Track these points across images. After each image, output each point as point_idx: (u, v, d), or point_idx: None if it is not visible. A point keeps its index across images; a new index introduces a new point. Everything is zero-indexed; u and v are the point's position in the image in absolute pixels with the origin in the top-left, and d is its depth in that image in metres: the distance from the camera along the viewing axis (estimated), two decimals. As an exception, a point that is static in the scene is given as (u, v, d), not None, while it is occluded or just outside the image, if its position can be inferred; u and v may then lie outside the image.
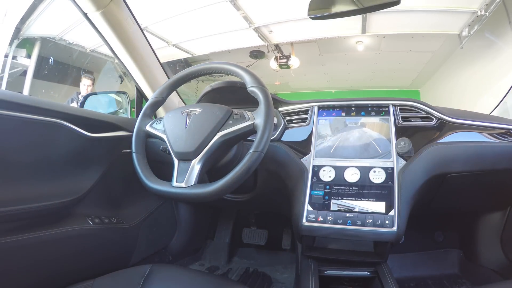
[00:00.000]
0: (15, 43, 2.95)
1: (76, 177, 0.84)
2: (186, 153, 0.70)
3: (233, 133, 0.69)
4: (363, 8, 0.81)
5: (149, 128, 0.81)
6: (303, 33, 3.58)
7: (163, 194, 0.71)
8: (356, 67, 4.99)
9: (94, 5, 0.86)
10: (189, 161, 0.69)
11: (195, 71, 0.82)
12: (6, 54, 2.56)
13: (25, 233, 0.69)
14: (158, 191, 0.72)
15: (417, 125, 0.86)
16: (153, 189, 0.73)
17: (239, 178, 0.65)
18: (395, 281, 0.75)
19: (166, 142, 0.75)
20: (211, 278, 0.75)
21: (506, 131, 0.83)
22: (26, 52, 3.16)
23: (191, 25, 3.60)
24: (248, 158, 0.65)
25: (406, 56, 4.35)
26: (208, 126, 0.71)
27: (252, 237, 1.50)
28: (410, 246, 1.20)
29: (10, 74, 3.09)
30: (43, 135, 0.75)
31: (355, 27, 3.50)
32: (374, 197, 0.77)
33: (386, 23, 3.44)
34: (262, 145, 0.66)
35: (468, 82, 3.91)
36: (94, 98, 1.23)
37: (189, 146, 0.70)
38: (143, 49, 1.05)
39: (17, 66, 3.19)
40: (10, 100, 0.67)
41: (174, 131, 0.74)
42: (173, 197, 0.70)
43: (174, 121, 0.76)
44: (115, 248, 0.97)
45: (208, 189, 0.65)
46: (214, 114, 0.72)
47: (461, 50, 3.58)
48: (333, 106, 0.92)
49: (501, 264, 1.04)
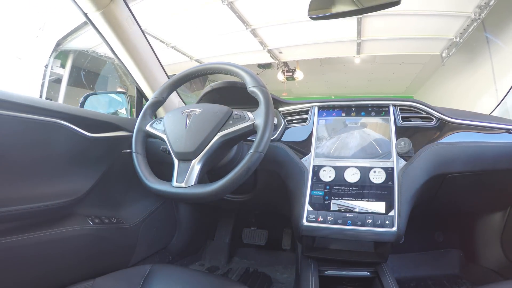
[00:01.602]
0: (53, 54, 3.39)
1: (76, 177, 0.84)
2: (186, 153, 0.70)
3: (233, 133, 0.69)
4: (363, 8, 0.81)
5: (149, 128, 0.81)
6: (308, 54, 4.41)
7: (163, 194, 0.71)
8: (354, 76, 5.60)
9: (94, 5, 0.86)
10: (189, 161, 0.69)
11: (196, 71, 0.82)
12: (46, 64, 3.03)
13: (25, 233, 0.69)
14: (158, 191, 0.71)
15: (417, 125, 0.86)
16: (153, 189, 0.73)
17: (239, 179, 0.64)
18: (395, 281, 0.75)
19: (166, 142, 0.75)
20: (211, 278, 0.75)
21: (506, 131, 0.83)
22: (60, 62, 3.65)
23: (215, 47, 4.29)
24: (248, 159, 0.65)
25: (399, 67, 4.90)
26: (208, 126, 0.70)
27: (252, 237, 1.50)
28: (410, 246, 1.20)
29: (45, 81, 3.55)
30: (43, 135, 0.75)
31: (351, 50, 4.16)
32: (374, 197, 0.77)
33: (377, 46, 4.05)
34: (262, 145, 0.66)
35: (455, 92, 4.42)
36: (94, 98, 1.22)
37: (189, 146, 0.70)
38: (143, 49, 1.05)
39: (52, 74, 3.67)
40: (10, 100, 0.67)
41: (174, 131, 0.74)
42: (173, 197, 0.69)
43: (174, 121, 0.76)
44: (115, 248, 0.97)
45: (208, 189, 0.65)
46: (214, 114, 0.72)
47: (447, 64, 4.15)
48: (333, 106, 0.92)
49: (501, 264, 1.04)
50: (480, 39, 3.31)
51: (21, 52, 3.09)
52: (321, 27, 3.53)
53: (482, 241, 1.11)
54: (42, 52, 2.94)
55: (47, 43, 2.94)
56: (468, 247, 1.17)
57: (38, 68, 3.01)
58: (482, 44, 3.31)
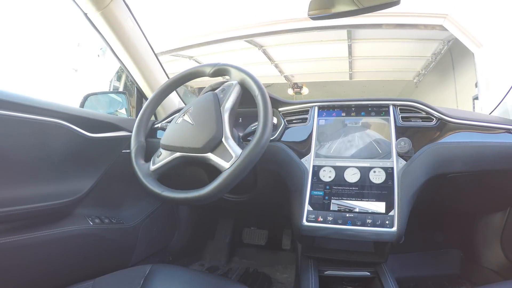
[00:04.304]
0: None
1: (76, 177, 0.84)
2: (214, 137, 0.69)
3: (236, 101, 0.72)
4: (363, 8, 0.80)
5: None
6: (312, 77, 6.05)
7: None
8: (350, 88, 6.77)
9: (94, 5, 0.86)
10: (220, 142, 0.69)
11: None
12: (111, 79, 3.42)
13: (25, 233, 0.69)
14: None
15: (417, 125, 0.85)
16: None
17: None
18: (395, 281, 0.75)
19: None
20: (211, 278, 0.75)
21: (506, 131, 0.83)
22: (117, 75, 3.86)
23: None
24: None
25: (388, 82, 6.15)
26: (211, 109, 0.72)
27: (252, 237, 1.50)
28: (410, 246, 1.20)
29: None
30: (43, 135, 0.75)
31: (346, 77, 5.81)
32: (374, 197, 0.77)
33: (365, 74, 5.73)
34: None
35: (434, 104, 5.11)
36: (94, 98, 1.22)
37: (211, 133, 0.69)
38: (143, 49, 1.05)
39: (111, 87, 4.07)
40: (10, 100, 0.67)
41: (184, 137, 0.74)
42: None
43: (176, 129, 0.76)
44: (115, 248, 0.97)
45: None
46: (205, 99, 0.74)
47: (424, 81, 5.47)
48: (333, 106, 0.92)
49: (501, 264, 1.04)
50: (448, 65, 4.48)
51: (77, 65, 3.73)
52: (322, 51, 4.70)
53: (482, 241, 1.11)
54: (104, 68, 3.42)
55: (108, 63, 3.42)
56: (468, 247, 1.17)
57: (97, 80, 3.45)
58: (449, 68, 4.48)
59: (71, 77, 3.66)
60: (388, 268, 0.80)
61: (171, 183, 0.74)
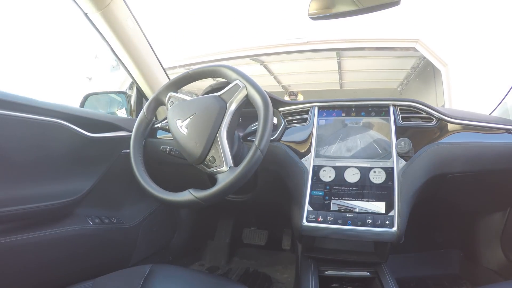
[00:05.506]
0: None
1: (76, 177, 0.84)
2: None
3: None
4: (363, 8, 0.80)
5: None
6: (308, 86, 6.62)
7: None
8: (341, 95, 7.23)
9: (94, 5, 0.86)
10: None
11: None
12: (126, 89, 3.55)
13: (25, 233, 0.69)
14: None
15: (417, 125, 0.85)
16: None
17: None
18: (395, 281, 0.75)
19: None
20: (211, 278, 0.75)
21: (506, 131, 0.83)
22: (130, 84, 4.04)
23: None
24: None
25: (375, 90, 6.82)
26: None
27: (252, 237, 1.50)
28: (410, 246, 1.20)
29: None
30: (43, 135, 0.75)
31: (337, 86, 6.50)
32: (374, 197, 0.77)
33: (354, 84, 6.41)
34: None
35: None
36: (94, 98, 1.22)
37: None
38: (144, 49, 1.05)
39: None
40: (10, 100, 0.67)
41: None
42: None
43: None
44: (115, 248, 0.97)
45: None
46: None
47: (408, 89, 5.91)
48: (333, 106, 0.92)
49: (501, 264, 1.04)
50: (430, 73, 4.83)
51: (92, 74, 4.08)
52: (315, 66, 5.36)
53: (482, 241, 1.11)
54: (115, 78, 3.60)
55: (120, 74, 3.67)
56: (468, 247, 1.17)
57: (107, 88, 3.82)
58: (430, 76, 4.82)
59: (84, 85, 4.01)
60: (388, 268, 0.80)
61: (171, 183, 0.74)
